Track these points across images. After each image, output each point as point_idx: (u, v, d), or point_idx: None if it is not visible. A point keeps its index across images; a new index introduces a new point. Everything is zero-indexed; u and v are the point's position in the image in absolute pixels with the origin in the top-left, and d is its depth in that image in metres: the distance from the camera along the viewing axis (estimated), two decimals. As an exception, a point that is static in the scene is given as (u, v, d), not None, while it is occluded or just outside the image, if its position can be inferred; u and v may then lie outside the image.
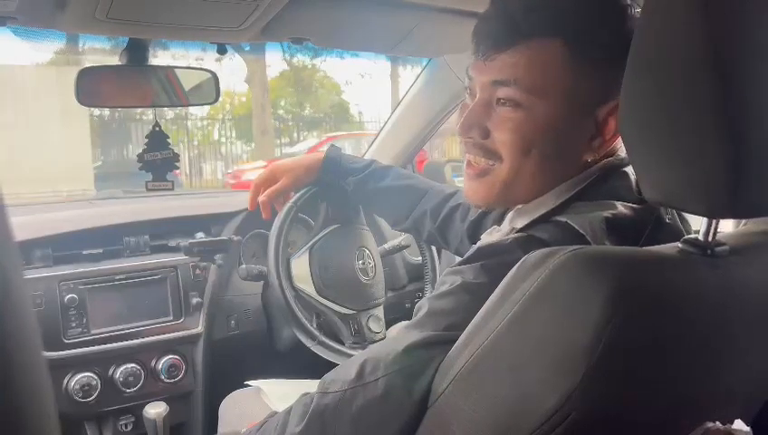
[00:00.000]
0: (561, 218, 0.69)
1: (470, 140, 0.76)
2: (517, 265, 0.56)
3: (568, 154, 0.73)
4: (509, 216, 0.80)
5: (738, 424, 0.61)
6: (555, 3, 0.70)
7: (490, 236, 0.77)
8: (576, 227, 0.66)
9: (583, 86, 0.70)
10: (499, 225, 0.82)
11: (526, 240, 0.67)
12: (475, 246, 0.70)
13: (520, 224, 0.74)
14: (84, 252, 1.36)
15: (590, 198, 0.71)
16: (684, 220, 0.74)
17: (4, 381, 0.22)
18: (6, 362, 0.22)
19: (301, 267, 1.27)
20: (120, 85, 1.22)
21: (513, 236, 0.70)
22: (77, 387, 1.28)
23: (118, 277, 1.36)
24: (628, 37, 0.54)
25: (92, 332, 1.31)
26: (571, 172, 0.74)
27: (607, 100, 0.70)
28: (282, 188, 1.27)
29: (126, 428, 1.39)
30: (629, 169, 0.73)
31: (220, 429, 1.21)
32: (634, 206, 0.69)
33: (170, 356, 1.40)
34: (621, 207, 0.69)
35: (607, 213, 0.67)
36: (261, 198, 1.27)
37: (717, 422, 0.59)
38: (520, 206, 0.77)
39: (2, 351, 0.22)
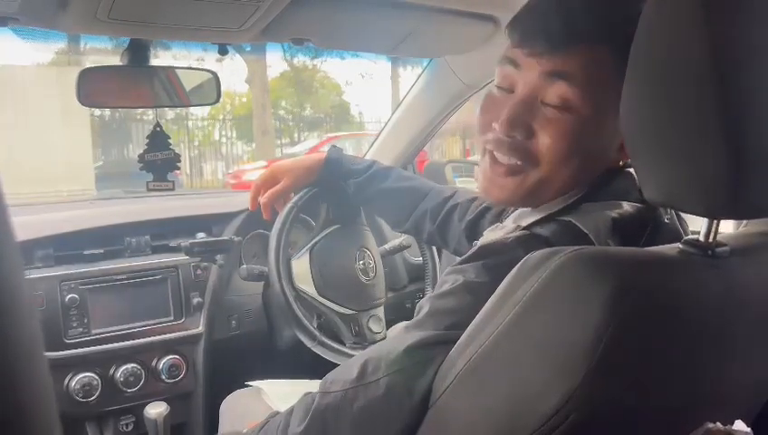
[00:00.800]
0: (566, 218, 0.69)
1: (509, 139, 0.72)
2: (518, 265, 0.56)
3: (601, 161, 0.73)
4: (514, 214, 0.79)
5: (739, 425, 0.61)
6: (611, 10, 0.68)
7: (493, 233, 0.77)
8: (580, 227, 0.66)
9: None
10: (500, 222, 0.82)
11: (528, 238, 0.67)
12: (476, 245, 0.70)
13: (525, 222, 0.73)
14: (85, 252, 1.36)
15: (597, 198, 0.71)
16: (682, 221, 0.74)
17: (7, 382, 0.22)
18: (9, 363, 0.22)
19: (301, 268, 1.27)
20: (122, 86, 1.22)
21: (515, 234, 0.70)
22: (78, 387, 1.28)
23: (119, 277, 1.36)
24: None
25: (93, 332, 1.31)
26: (594, 174, 0.73)
27: None
28: (283, 189, 1.27)
29: (127, 428, 1.39)
30: (633, 169, 0.73)
31: (221, 429, 1.21)
32: (637, 205, 0.69)
33: (171, 356, 1.40)
34: (627, 207, 0.69)
35: (614, 213, 0.67)
36: (262, 199, 1.28)
37: (718, 423, 0.59)
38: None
39: (4, 351, 0.22)
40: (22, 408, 0.23)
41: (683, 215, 0.74)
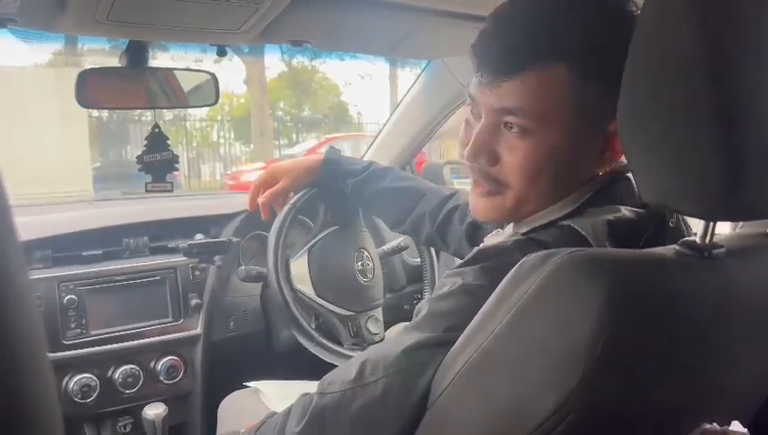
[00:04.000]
0: (564, 222, 0.69)
1: (477, 166, 0.74)
2: (515, 266, 0.56)
3: (578, 171, 0.73)
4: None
5: (735, 425, 0.61)
6: (556, 26, 0.68)
7: (493, 239, 0.78)
8: (578, 229, 0.66)
9: (590, 106, 0.69)
10: (501, 227, 0.83)
11: (527, 243, 0.67)
12: (475, 249, 0.71)
13: (525, 229, 0.73)
14: (84, 253, 1.36)
15: (596, 205, 0.71)
16: (686, 223, 0.74)
17: (11, 382, 0.22)
18: (12, 363, 0.23)
19: (300, 269, 1.27)
20: (120, 87, 1.22)
21: (513, 238, 0.70)
22: (76, 388, 1.28)
23: (117, 278, 1.36)
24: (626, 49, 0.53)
25: (92, 333, 1.31)
26: (581, 183, 0.73)
27: (615, 114, 0.70)
28: (281, 190, 1.27)
29: (125, 429, 1.39)
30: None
31: (219, 429, 1.21)
32: (637, 210, 0.70)
33: (169, 357, 1.40)
34: (625, 211, 0.69)
35: (609, 216, 0.67)
36: (260, 199, 1.28)
37: (715, 423, 0.60)
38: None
39: (7, 351, 0.23)
40: (25, 407, 0.23)
41: (687, 218, 0.74)
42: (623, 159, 0.75)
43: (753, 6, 0.49)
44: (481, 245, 0.73)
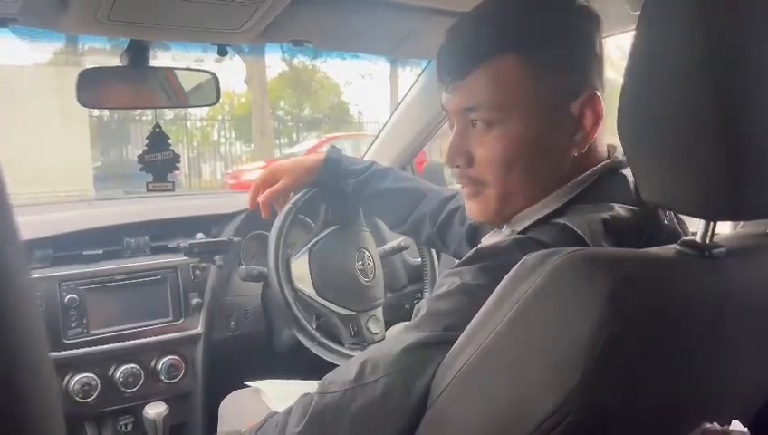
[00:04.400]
0: (560, 220, 0.69)
1: (457, 170, 0.79)
2: (515, 266, 0.56)
3: (552, 156, 0.74)
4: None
5: (736, 425, 0.61)
6: (500, 20, 0.74)
7: (491, 238, 0.78)
8: (575, 229, 0.66)
9: (548, 90, 0.72)
10: (500, 228, 0.83)
11: (525, 242, 0.68)
12: (474, 248, 0.71)
13: (520, 227, 0.74)
14: (84, 253, 1.37)
15: (589, 201, 0.72)
16: (681, 222, 0.74)
17: (12, 382, 0.22)
18: (14, 363, 0.23)
19: (300, 268, 1.27)
20: (121, 86, 1.22)
21: (512, 238, 0.70)
22: (77, 387, 1.28)
23: (118, 278, 1.36)
24: (581, 35, 0.55)
25: (92, 332, 1.31)
26: (562, 171, 0.74)
27: (578, 94, 0.72)
28: (282, 189, 1.27)
29: (126, 428, 1.39)
30: (628, 172, 0.73)
31: (220, 429, 1.21)
32: (632, 208, 0.70)
33: (170, 357, 1.40)
34: (619, 209, 0.69)
35: (605, 215, 0.68)
36: (261, 199, 1.28)
37: (715, 423, 0.60)
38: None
39: (9, 351, 0.23)
40: (27, 407, 0.23)
41: (683, 217, 0.75)
42: (618, 153, 0.76)
43: (754, 7, 0.49)
44: (479, 244, 0.74)
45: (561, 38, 0.71)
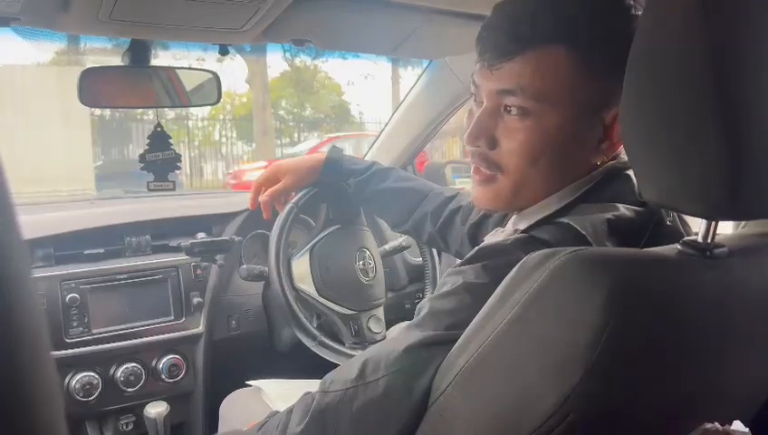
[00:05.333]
0: (564, 220, 0.69)
1: (476, 150, 0.75)
2: (517, 265, 0.56)
3: (575, 159, 0.73)
4: (513, 218, 0.80)
5: (736, 425, 0.61)
6: (558, 9, 0.70)
7: (494, 237, 0.78)
8: (578, 229, 0.66)
9: (589, 91, 0.70)
10: (502, 227, 0.83)
11: (528, 241, 0.68)
12: (476, 247, 0.71)
13: (523, 226, 0.74)
14: (86, 252, 1.37)
15: (593, 201, 0.71)
16: (684, 222, 0.74)
17: (15, 380, 0.22)
18: (16, 361, 0.23)
19: (301, 268, 1.27)
20: (123, 86, 1.22)
21: (514, 236, 0.70)
22: (78, 386, 1.29)
23: (119, 277, 1.36)
24: (629, 43, 0.54)
25: (94, 331, 1.32)
26: (577, 175, 0.74)
27: (613, 103, 0.70)
28: (283, 188, 1.28)
29: (127, 427, 1.39)
30: (632, 172, 0.73)
31: (221, 428, 1.21)
32: (636, 208, 0.70)
33: (171, 356, 1.40)
34: (623, 210, 0.69)
35: (609, 215, 0.68)
36: (262, 198, 1.28)
37: (716, 423, 0.60)
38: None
39: (11, 351, 0.23)
40: (28, 406, 0.23)
41: (685, 217, 0.75)
42: (622, 154, 0.75)
43: (756, 6, 0.49)
44: (481, 243, 0.74)
45: (616, 42, 0.65)
